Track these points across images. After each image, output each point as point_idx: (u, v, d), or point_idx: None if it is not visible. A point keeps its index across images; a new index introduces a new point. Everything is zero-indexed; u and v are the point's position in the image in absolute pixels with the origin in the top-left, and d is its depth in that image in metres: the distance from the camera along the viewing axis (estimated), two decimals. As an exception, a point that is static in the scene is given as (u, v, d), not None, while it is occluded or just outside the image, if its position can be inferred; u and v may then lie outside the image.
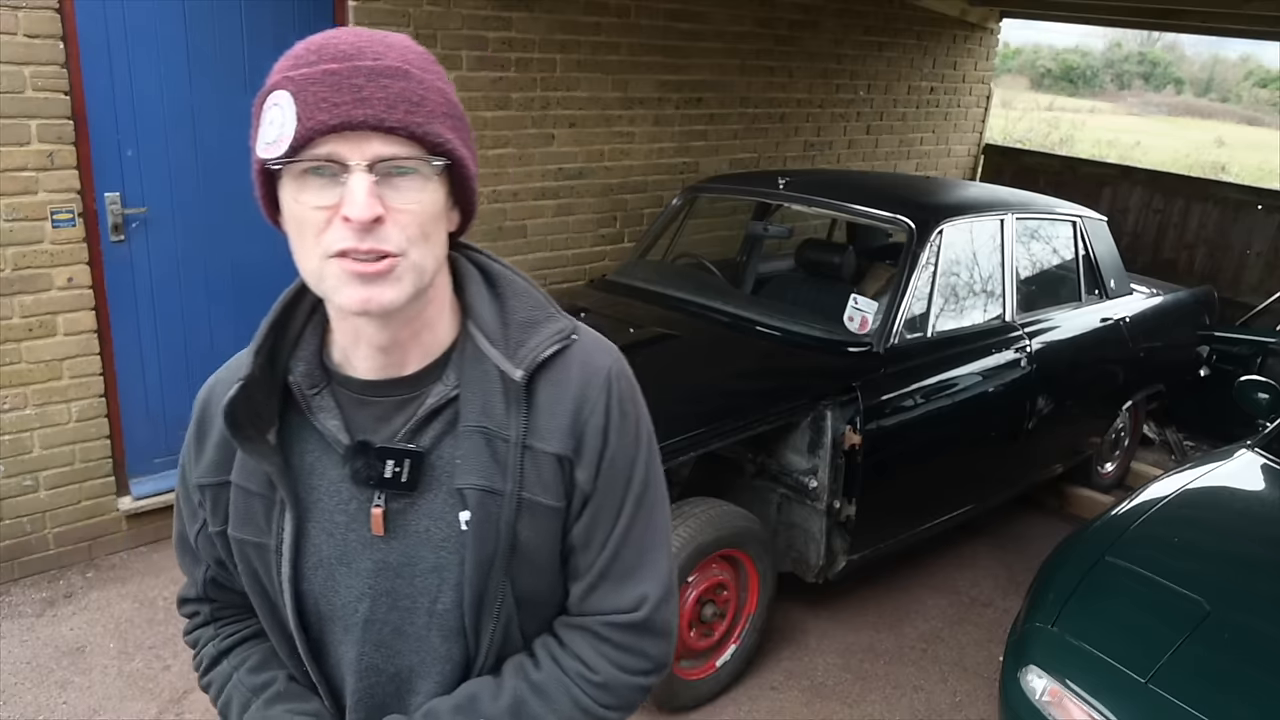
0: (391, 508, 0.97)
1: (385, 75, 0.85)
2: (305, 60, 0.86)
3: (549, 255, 4.73)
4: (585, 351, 1.00)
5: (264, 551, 1.00)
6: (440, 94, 0.89)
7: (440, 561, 0.97)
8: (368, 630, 1.00)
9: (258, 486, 0.99)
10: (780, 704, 3.12)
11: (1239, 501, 3.02)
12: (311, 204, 0.86)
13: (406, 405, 0.97)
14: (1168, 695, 2.14)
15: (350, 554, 0.99)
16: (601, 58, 4.63)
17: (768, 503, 3.26)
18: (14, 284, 3.15)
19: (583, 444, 0.98)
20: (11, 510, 3.34)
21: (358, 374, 0.98)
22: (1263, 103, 29.84)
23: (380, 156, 0.85)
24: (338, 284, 0.87)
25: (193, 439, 1.06)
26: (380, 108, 0.84)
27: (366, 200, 0.84)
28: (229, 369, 1.05)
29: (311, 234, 0.87)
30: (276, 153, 0.85)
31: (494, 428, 0.95)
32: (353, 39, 0.87)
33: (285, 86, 0.85)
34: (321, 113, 0.83)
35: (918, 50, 6.38)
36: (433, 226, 0.90)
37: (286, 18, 3.60)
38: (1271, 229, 6.32)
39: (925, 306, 3.48)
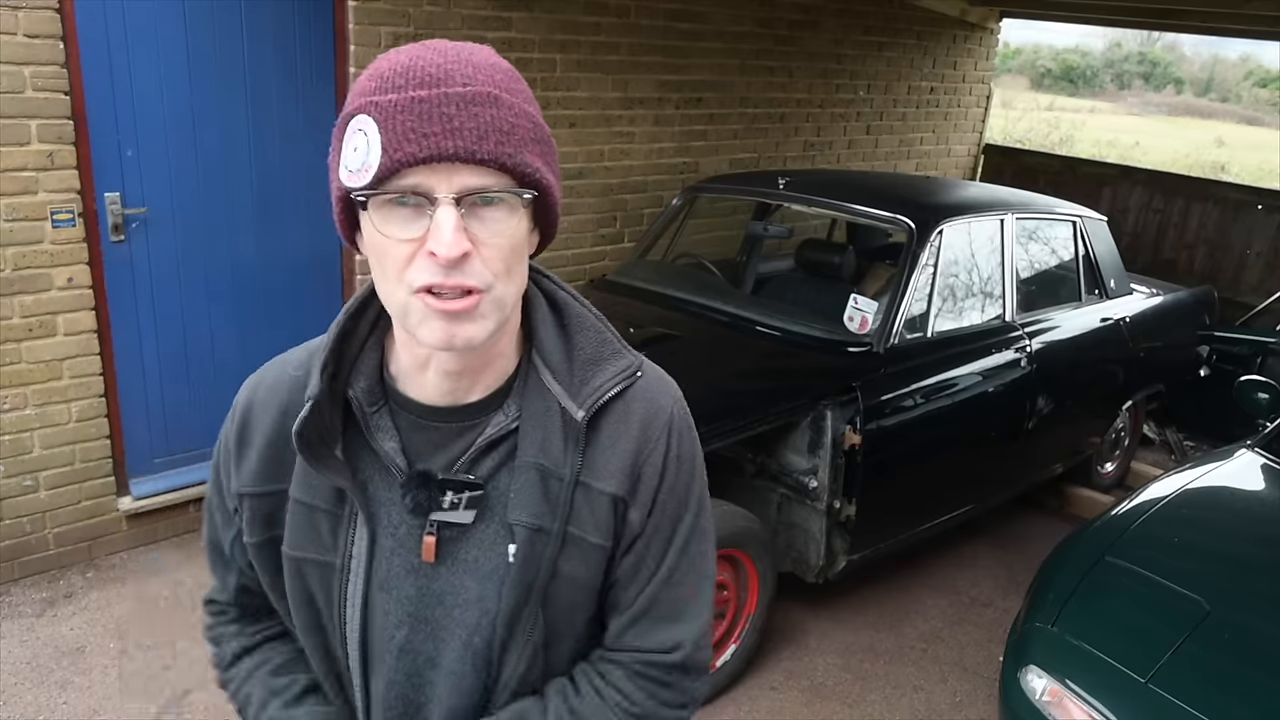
0: (444, 535, 0.95)
1: (476, 103, 0.81)
2: (392, 84, 0.82)
3: (549, 255, 4.73)
4: (648, 390, 1.00)
5: (327, 570, 0.97)
6: (529, 118, 0.86)
7: (484, 592, 0.96)
8: (401, 659, 0.98)
9: (325, 502, 0.96)
10: (780, 704, 3.12)
11: (1239, 501, 3.02)
12: (397, 236, 0.83)
13: (465, 433, 0.96)
14: (1168, 695, 2.15)
15: (393, 579, 0.96)
16: (601, 58, 4.63)
17: (768, 503, 3.26)
18: (14, 284, 3.15)
19: (639, 485, 0.97)
20: (11, 510, 3.34)
21: (419, 397, 0.96)
22: (1263, 103, 29.84)
23: (469, 189, 0.82)
24: (422, 320, 0.85)
25: (234, 445, 1.01)
26: (471, 139, 0.81)
27: (455, 237, 0.81)
28: (274, 372, 1.02)
29: (395, 267, 0.84)
30: (361, 182, 0.82)
31: (550, 465, 0.94)
32: (440, 60, 0.83)
33: (370, 112, 0.82)
34: (410, 144, 0.80)
35: (918, 50, 6.38)
36: (516, 258, 0.88)
37: (286, 18, 3.60)
38: (1271, 229, 6.32)
39: (925, 306, 3.48)
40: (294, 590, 0.99)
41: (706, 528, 1.04)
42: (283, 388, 0.99)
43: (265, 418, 0.99)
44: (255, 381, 1.03)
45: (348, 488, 0.94)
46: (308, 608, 1.00)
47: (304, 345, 1.04)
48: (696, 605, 1.03)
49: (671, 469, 0.99)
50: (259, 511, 0.99)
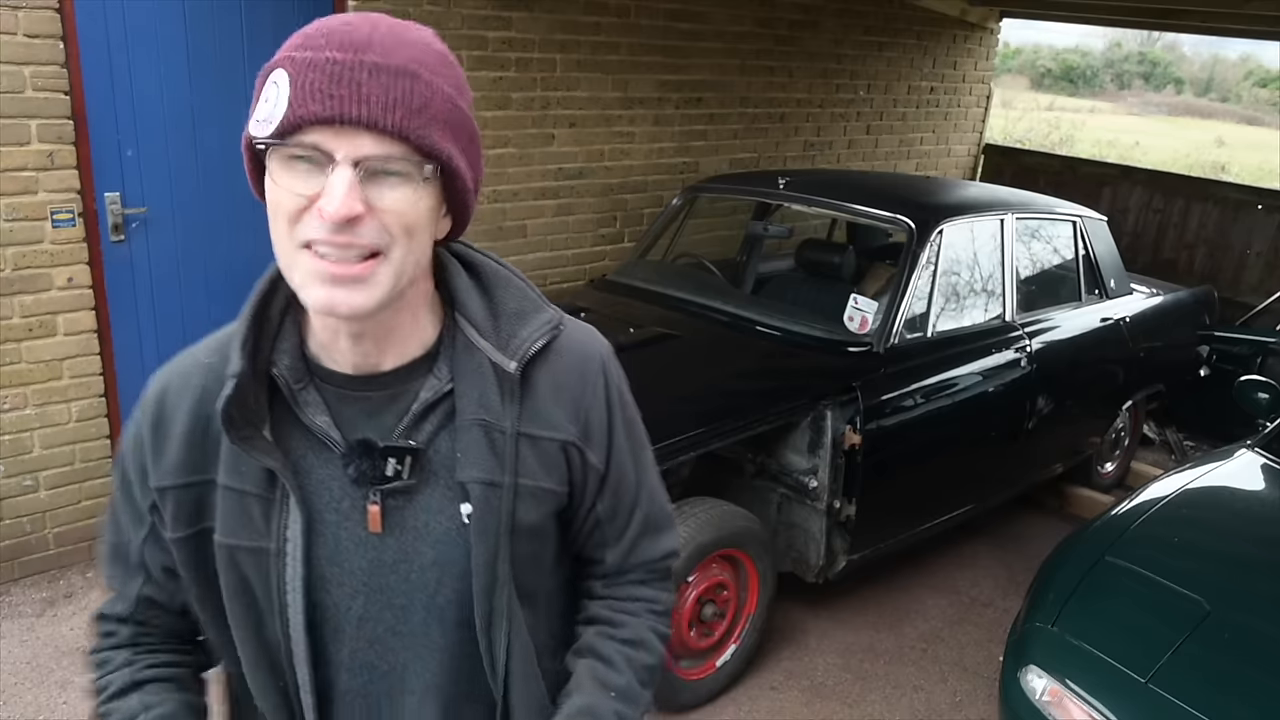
0: (388, 504, 0.95)
1: (390, 73, 0.82)
2: (313, 43, 0.83)
3: (549, 255, 4.73)
4: (575, 340, 1.03)
5: (261, 556, 0.95)
6: (447, 100, 0.86)
7: (440, 556, 0.97)
8: (361, 628, 0.98)
9: (254, 486, 0.94)
10: (780, 704, 3.12)
11: (1239, 501, 3.02)
12: (292, 189, 0.83)
13: (396, 400, 0.96)
14: (1168, 695, 2.15)
15: (342, 553, 0.96)
16: (601, 58, 4.63)
17: (768, 503, 3.26)
18: (14, 284, 3.15)
19: (589, 429, 1.01)
20: (11, 510, 3.34)
21: (338, 367, 0.96)
22: (1263, 103, 29.84)
23: (368, 155, 0.82)
24: (306, 279, 0.86)
25: (148, 439, 0.97)
26: (377, 108, 0.81)
27: (345, 198, 0.81)
28: (185, 363, 1.00)
29: (286, 219, 0.84)
30: (264, 132, 0.83)
31: (492, 420, 0.96)
32: (368, 29, 0.84)
33: (286, 66, 0.83)
34: (315, 102, 0.80)
35: (918, 50, 6.38)
36: (418, 228, 0.87)
37: (286, 18, 3.60)
38: (1271, 229, 6.32)
39: (925, 306, 3.48)
40: (229, 580, 0.97)
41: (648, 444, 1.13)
42: (196, 375, 0.98)
43: (181, 406, 0.97)
44: (165, 375, 1.01)
45: (278, 469, 0.92)
46: (243, 596, 0.97)
47: (212, 336, 1.02)
48: (669, 515, 1.15)
49: (616, 407, 1.04)
50: (184, 504, 0.97)
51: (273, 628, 0.97)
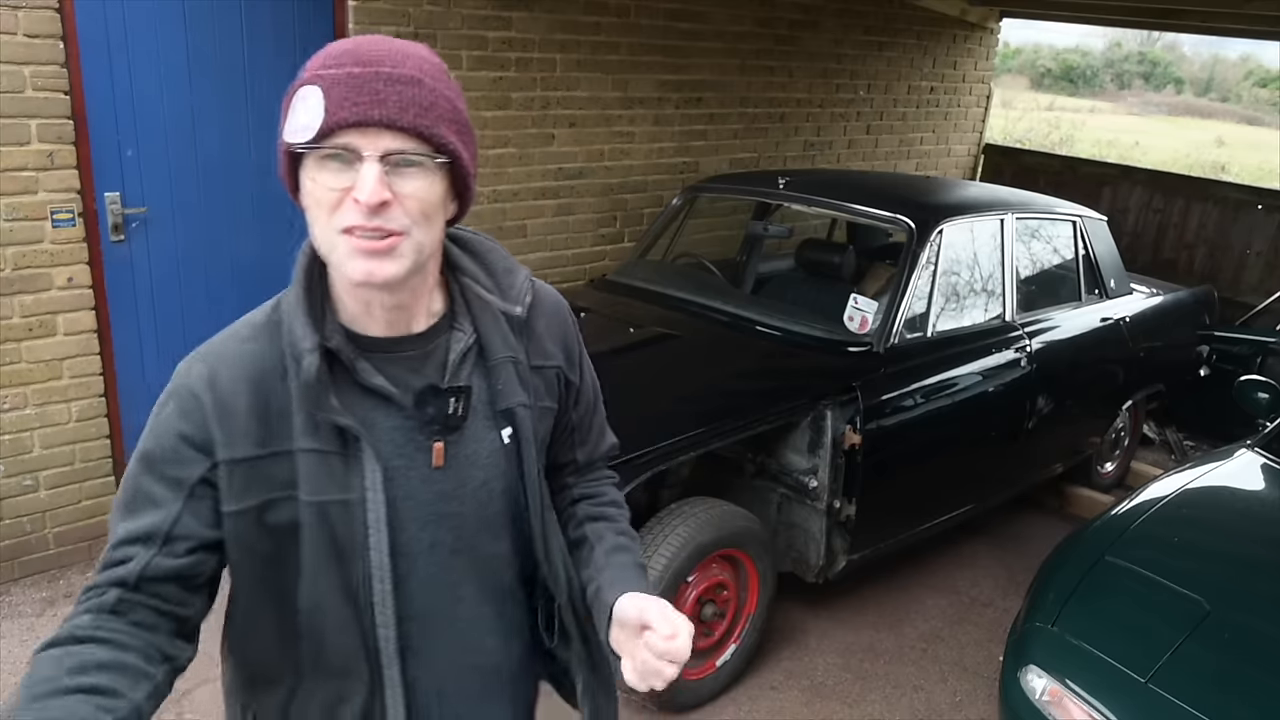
0: (446, 441, 1.12)
1: (401, 82, 0.99)
2: (335, 62, 0.99)
3: (549, 255, 4.73)
4: (543, 287, 1.26)
5: (346, 507, 1.08)
6: (448, 102, 1.03)
7: (486, 475, 1.16)
8: (432, 554, 1.14)
9: (333, 446, 1.07)
10: (780, 704, 3.12)
11: (1239, 501, 3.02)
12: (328, 185, 0.99)
13: (430, 355, 1.13)
14: (1168, 695, 2.15)
15: (412, 491, 1.11)
16: (601, 58, 4.63)
17: (768, 503, 3.26)
18: (14, 284, 3.15)
19: (570, 357, 1.26)
20: (11, 510, 3.34)
21: (374, 334, 1.10)
22: (1263, 103, 29.83)
23: (390, 150, 0.98)
24: (346, 257, 1.01)
25: (212, 415, 1.05)
26: (394, 110, 0.98)
27: (375, 186, 0.97)
28: (224, 350, 1.09)
29: (325, 211, 1.00)
30: (302, 138, 0.99)
31: (516, 355, 1.16)
32: (376, 48, 1.01)
33: (316, 83, 0.99)
34: (344, 110, 0.97)
35: (918, 50, 6.38)
36: (433, 212, 1.04)
37: (286, 18, 3.60)
38: (1271, 229, 6.32)
39: (925, 306, 3.48)
40: (316, 535, 1.08)
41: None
42: (244, 360, 1.08)
43: (239, 386, 1.06)
44: (205, 360, 1.09)
45: (351, 425, 1.06)
46: (329, 547, 1.08)
47: (235, 327, 1.13)
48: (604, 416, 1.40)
49: (580, 339, 1.29)
50: (253, 476, 1.06)
51: (355, 570, 1.10)
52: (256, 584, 1.13)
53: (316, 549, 1.08)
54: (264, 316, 1.12)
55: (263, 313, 1.12)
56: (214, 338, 1.12)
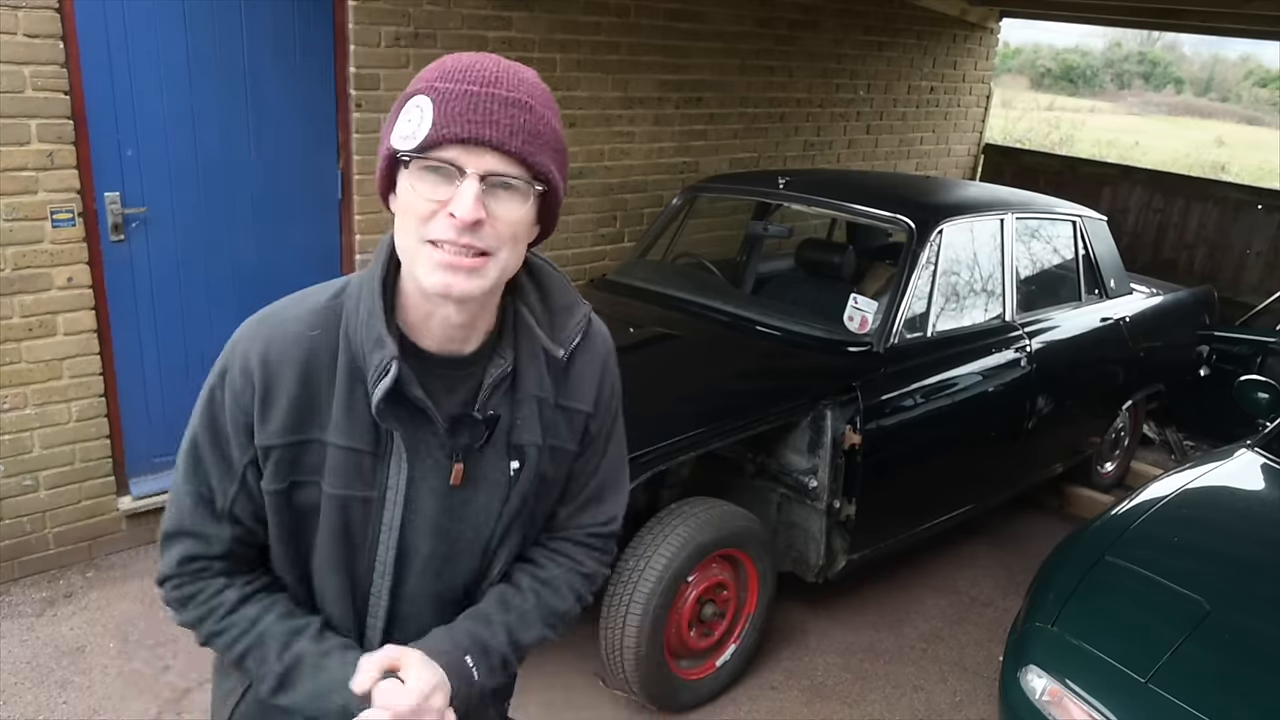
0: (466, 462, 1.15)
1: (514, 106, 1.00)
2: (452, 76, 1.01)
3: (549, 255, 4.71)
4: (597, 331, 1.25)
5: (367, 503, 1.12)
6: (553, 130, 1.05)
7: (489, 500, 1.18)
8: (427, 564, 1.18)
9: (365, 444, 1.10)
10: (780, 704, 3.12)
11: (1239, 501, 3.02)
12: (425, 195, 1.00)
13: (468, 377, 1.14)
14: (1168, 695, 2.14)
15: (422, 502, 1.14)
16: (601, 58, 4.63)
17: (768, 503, 3.26)
18: (14, 284, 3.15)
19: (600, 404, 1.24)
20: (11, 510, 3.34)
21: (426, 346, 1.12)
22: (1263, 102, 29.83)
23: (493, 171, 1.00)
24: (428, 267, 1.02)
25: (257, 399, 1.08)
26: (504, 133, 0.99)
27: (474, 204, 0.99)
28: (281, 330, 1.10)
29: (417, 220, 1.01)
30: (408, 146, 1.00)
31: (544, 395, 1.17)
32: (494, 68, 1.02)
33: (429, 94, 1.00)
34: (455, 125, 0.98)
35: (918, 50, 6.38)
36: (521, 235, 1.06)
37: (286, 18, 3.60)
38: (1271, 229, 6.32)
39: (925, 306, 3.48)
40: (333, 525, 1.12)
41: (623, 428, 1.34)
42: (298, 345, 1.09)
43: (287, 372, 1.09)
44: (262, 337, 1.10)
45: (401, 434, 1.10)
46: (342, 537, 1.14)
47: (296, 303, 1.14)
48: (624, 486, 1.34)
49: (616, 388, 1.27)
50: (284, 461, 1.10)
51: (361, 563, 1.15)
52: (279, 544, 1.17)
53: (329, 536, 1.13)
54: (326, 301, 1.13)
55: (326, 295, 1.13)
56: (275, 309, 1.14)
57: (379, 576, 1.16)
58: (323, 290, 1.15)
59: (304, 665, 1.13)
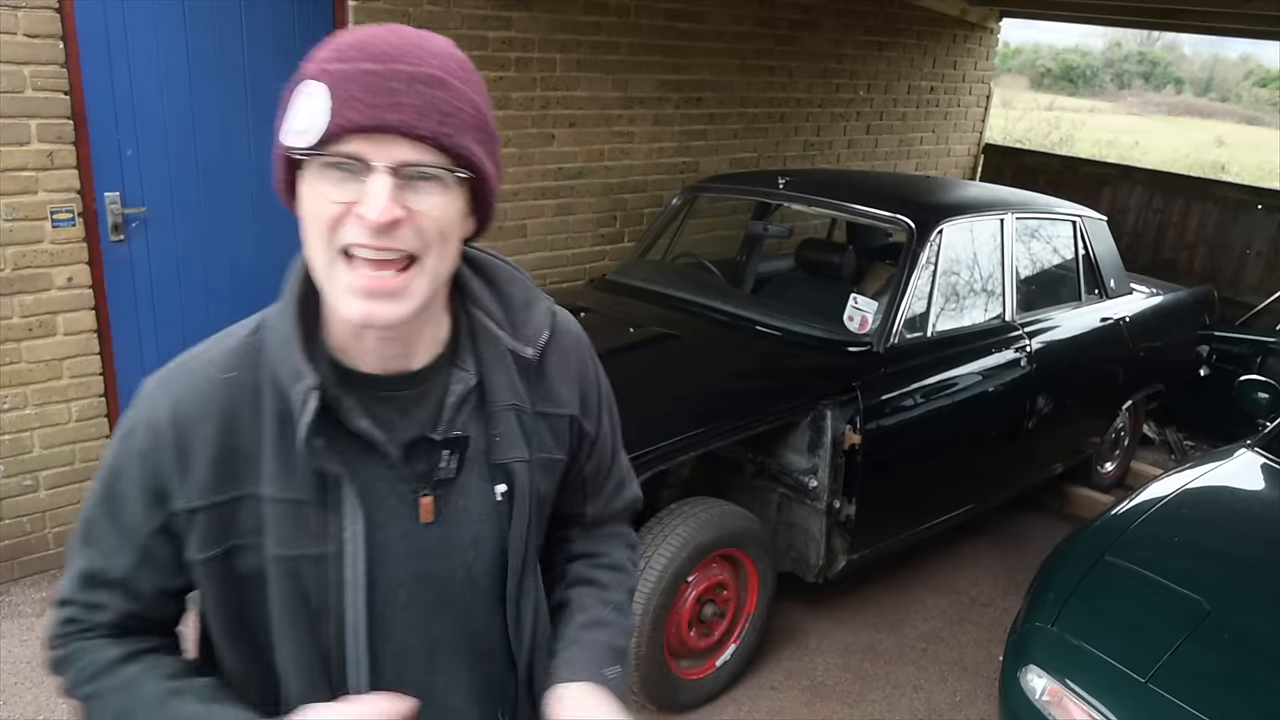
0: (436, 494, 1.00)
1: (422, 82, 0.85)
2: (346, 55, 0.86)
3: (549, 255, 4.73)
4: (564, 323, 1.12)
5: (320, 561, 0.96)
6: (473, 106, 0.90)
7: (478, 533, 1.03)
8: (407, 611, 1.02)
9: (307, 493, 0.94)
10: (780, 704, 3.12)
11: (1239, 501, 3.02)
12: (330, 197, 0.87)
13: (426, 395, 0.99)
14: (1168, 695, 2.15)
15: (390, 546, 0.99)
16: (601, 57, 4.63)
17: (768, 503, 3.26)
18: (14, 284, 3.15)
19: (586, 403, 1.12)
20: (11, 510, 3.34)
21: (363, 368, 0.97)
22: (1263, 102, 29.83)
23: (405, 161, 0.86)
24: (344, 293, 0.88)
25: (169, 461, 0.94)
26: (412, 115, 0.84)
27: (386, 202, 0.84)
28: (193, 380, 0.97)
29: (324, 227, 0.87)
30: (303, 142, 0.86)
31: (520, 403, 1.03)
32: (396, 40, 0.87)
33: (321, 78, 0.86)
34: (354, 112, 0.84)
35: (918, 50, 6.38)
36: (450, 232, 0.91)
37: (286, 18, 3.60)
38: (1271, 229, 6.32)
39: (925, 306, 3.48)
40: (284, 591, 0.96)
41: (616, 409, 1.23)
42: (215, 394, 0.95)
43: (204, 426, 0.94)
44: (171, 392, 0.97)
45: (340, 473, 0.94)
46: (296, 603, 0.97)
47: (211, 346, 1.00)
48: (629, 464, 1.28)
49: (603, 382, 1.16)
50: (214, 523, 0.95)
51: (328, 630, 0.98)
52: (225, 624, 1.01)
53: (284, 606, 0.97)
54: (242, 340, 0.98)
55: (242, 333, 0.99)
56: (188, 356, 1.00)
57: (352, 642, 0.98)
58: (242, 326, 1.00)
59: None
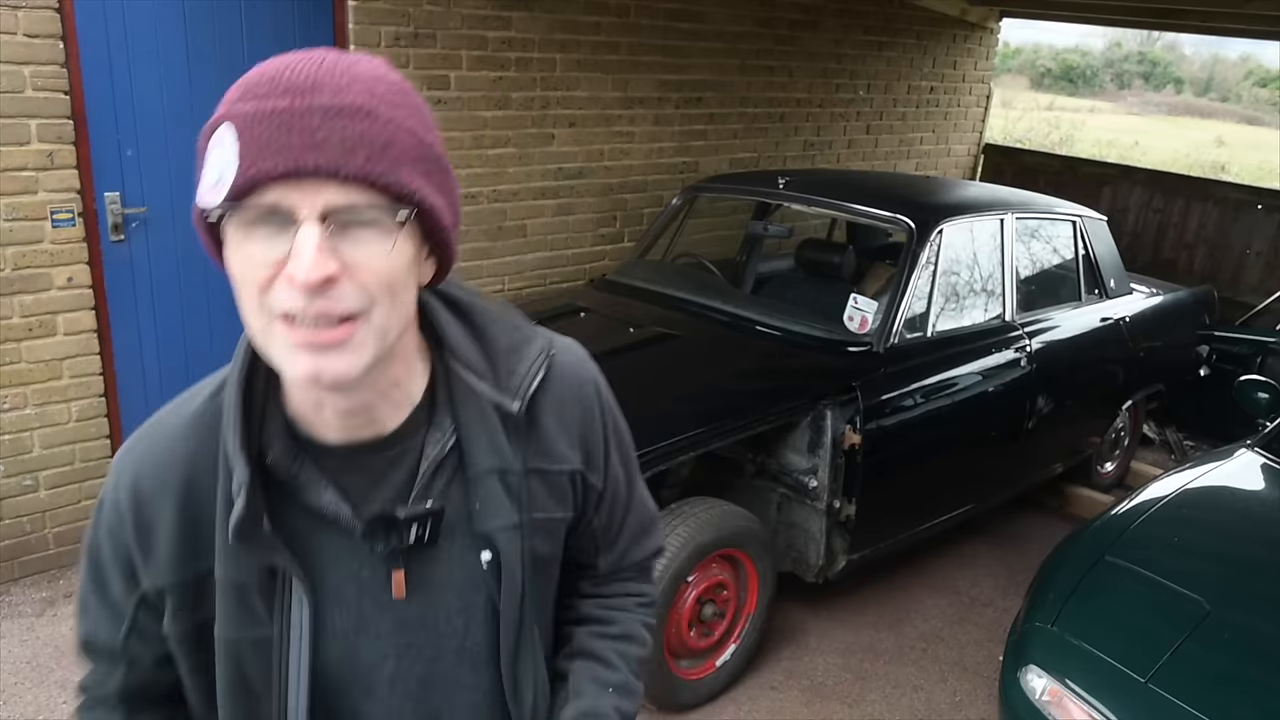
0: (410, 567, 0.92)
1: (345, 115, 0.74)
2: (255, 91, 0.75)
3: (549, 255, 4.73)
4: (567, 365, 1.00)
5: (264, 645, 0.90)
6: (410, 134, 0.78)
7: (466, 602, 0.95)
8: (394, 686, 0.96)
9: (255, 578, 0.88)
10: (780, 704, 3.12)
11: (1239, 501, 3.02)
12: (255, 259, 0.76)
13: (400, 460, 0.91)
14: (1168, 695, 2.15)
15: (366, 620, 0.93)
16: (601, 57, 4.63)
17: (768, 503, 3.26)
18: (14, 284, 3.15)
19: (591, 454, 1.01)
20: (11, 510, 3.34)
21: (327, 438, 0.89)
22: (1263, 102, 29.83)
23: (334, 207, 0.74)
24: (285, 352, 0.78)
25: (133, 540, 0.90)
26: (336, 154, 0.73)
27: (314, 259, 0.73)
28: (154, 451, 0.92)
29: (254, 290, 0.76)
30: (216, 199, 0.75)
31: (505, 465, 0.93)
32: (312, 69, 0.75)
33: (231, 121, 0.75)
34: (266, 158, 0.73)
35: (918, 50, 6.38)
36: (399, 282, 0.80)
37: (286, 18, 3.60)
38: (1271, 229, 6.32)
39: (925, 306, 3.48)
40: (227, 674, 0.91)
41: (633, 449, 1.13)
42: (175, 466, 0.90)
43: (164, 503, 0.89)
44: (133, 466, 0.92)
45: (284, 563, 0.88)
46: (241, 686, 0.92)
47: (176, 409, 0.94)
48: (654, 513, 1.17)
49: (610, 429, 1.04)
50: (185, 598, 0.91)
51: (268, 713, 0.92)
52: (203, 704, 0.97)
53: (227, 689, 0.93)
54: (203, 403, 0.91)
55: (204, 395, 0.92)
56: (155, 420, 0.94)
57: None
58: (205, 386, 0.93)
59: None
